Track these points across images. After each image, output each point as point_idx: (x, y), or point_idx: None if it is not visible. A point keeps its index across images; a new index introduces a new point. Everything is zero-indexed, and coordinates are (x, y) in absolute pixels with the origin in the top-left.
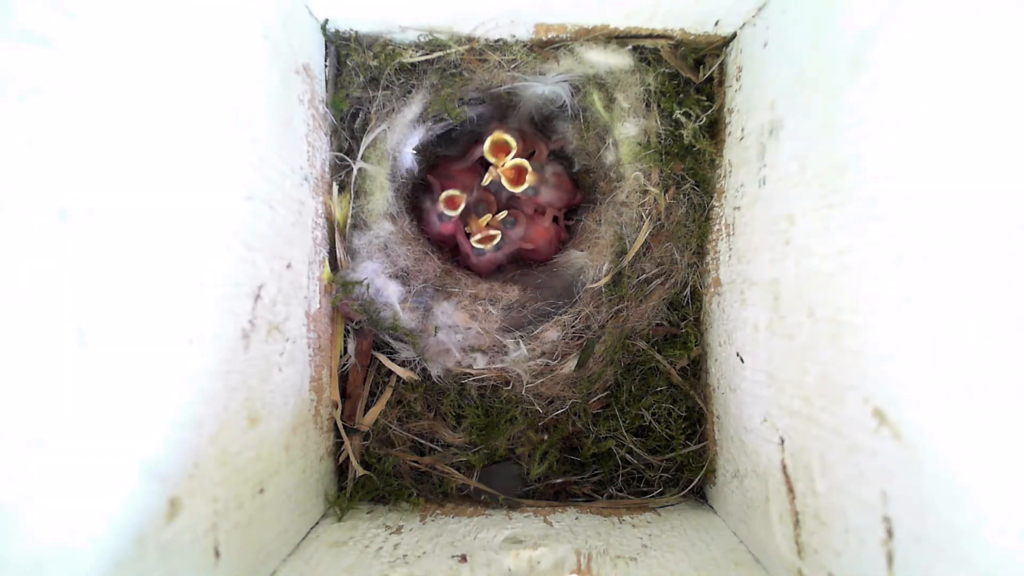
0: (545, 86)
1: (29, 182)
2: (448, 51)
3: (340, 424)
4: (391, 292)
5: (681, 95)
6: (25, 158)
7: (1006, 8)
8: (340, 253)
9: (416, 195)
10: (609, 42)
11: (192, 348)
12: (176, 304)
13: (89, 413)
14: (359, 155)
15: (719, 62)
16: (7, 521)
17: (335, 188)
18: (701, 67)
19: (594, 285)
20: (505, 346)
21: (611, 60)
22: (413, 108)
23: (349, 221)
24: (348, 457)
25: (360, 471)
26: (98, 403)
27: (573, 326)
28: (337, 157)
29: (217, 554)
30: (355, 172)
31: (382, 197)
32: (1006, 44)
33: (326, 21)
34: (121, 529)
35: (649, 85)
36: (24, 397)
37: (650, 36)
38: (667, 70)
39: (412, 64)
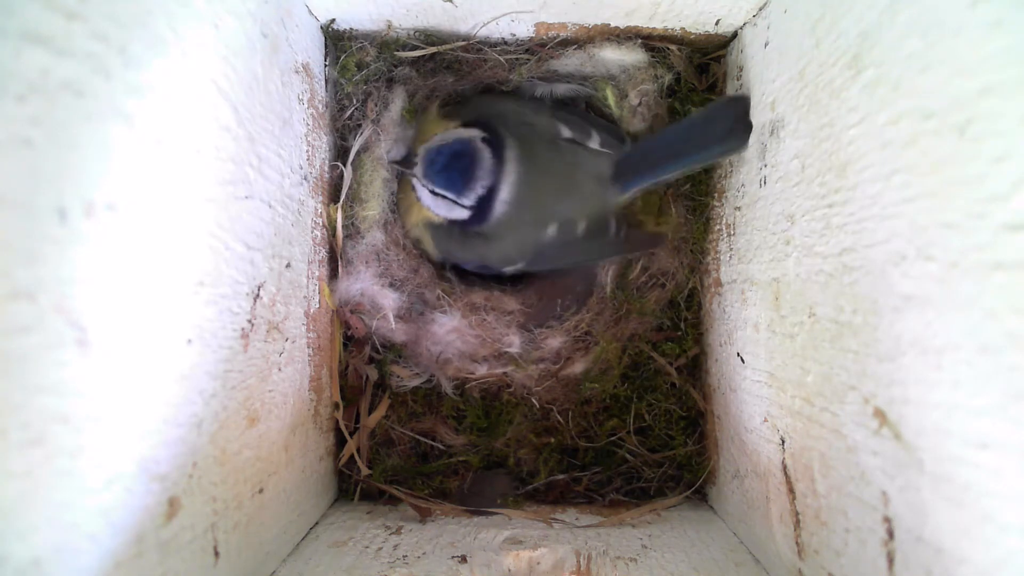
0: (548, 84)
1: (29, 182)
2: (448, 51)
3: (342, 424)
4: (387, 301)
5: (682, 93)
6: (25, 158)
7: (1003, 8)
8: (339, 258)
9: None
10: (622, 41)
11: (191, 347)
12: (175, 303)
13: (88, 413)
14: (351, 157)
15: (720, 61)
16: (7, 521)
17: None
18: (703, 70)
19: (602, 285)
20: (506, 352)
21: (625, 58)
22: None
23: (342, 223)
24: (348, 457)
25: (364, 471)
26: (97, 403)
27: (576, 329)
28: (335, 158)
29: (216, 554)
30: (352, 173)
31: (379, 200)
32: (1002, 43)
33: (329, 21)
34: (120, 528)
35: (661, 81)
36: (24, 397)
37: (650, 36)
38: (673, 69)
39: (412, 63)
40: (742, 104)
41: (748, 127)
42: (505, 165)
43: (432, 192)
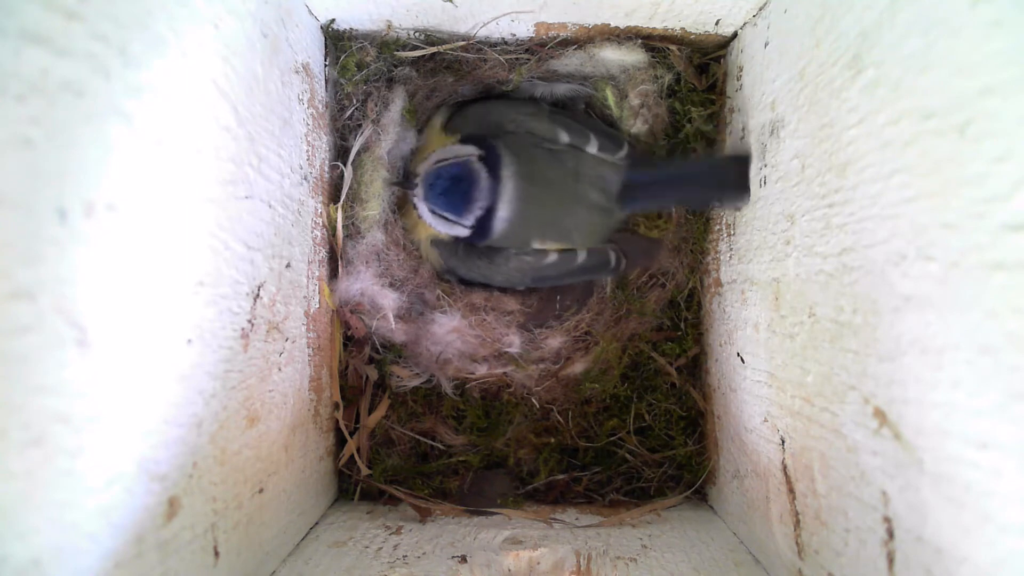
0: (548, 84)
1: (29, 182)
2: (448, 51)
3: (342, 424)
4: (387, 301)
5: (682, 94)
6: (25, 158)
7: (1003, 8)
8: (339, 258)
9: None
10: (622, 41)
11: (191, 347)
12: (175, 303)
13: (88, 413)
14: (351, 157)
15: (721, 61)
16: (7, 521)
17: (333, 189)
18: (703, 70)
19: (602, 285)
20: (506, 352)
21: (625, 58)
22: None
23: (342, 223)
24: (348, 457)
25: (364, 471)
26: (97, 403)
27: (576, 329)
28: (335, 158)
29: (216, 554)
30: (352, 173)
31: (379, 200)
32: (1002, 43)
33: (329, 21)
34: (120, 529)
35: (662, 81)
36: (24, 397)
37: (650, 36)
38: (673, 69)
39: (412, 63)
40: (744, 164)
41: (746, 187)
42: (501, 184)
43: (432, 212)
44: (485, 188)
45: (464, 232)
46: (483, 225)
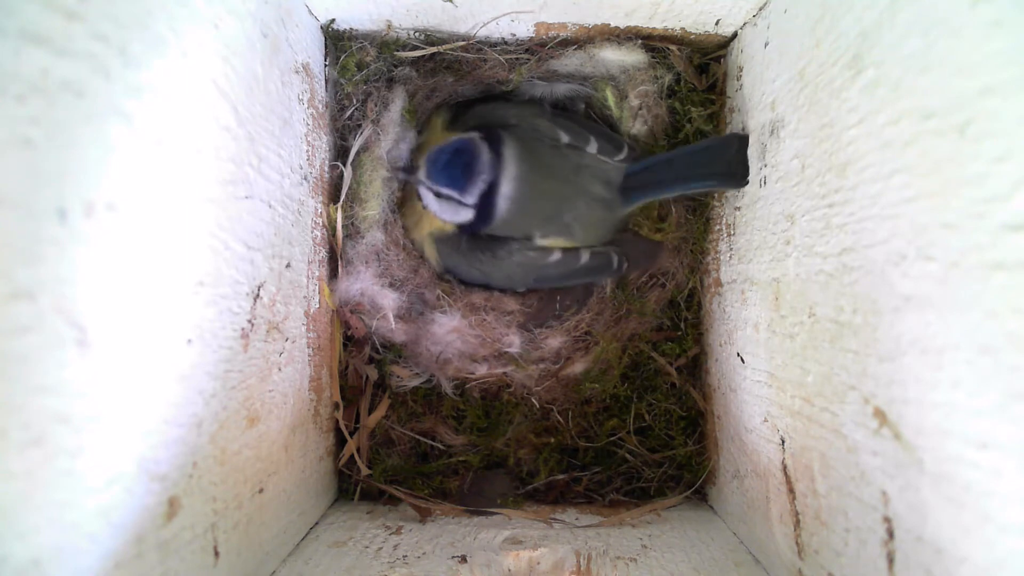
0: (548, 84)
1: (29, 182)
2: (448, 51)
3: (342, 424)
4: (387, 301)
5: (682, 94)
6: (25, 158)
7: (1003, 8)
8: (339, 258)
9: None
10: (622, 41)
11: (191, 347)
12: (175, 303)
13: (88, 413)
14: (350, 157)
15: (721, 61)
16: (7, 521)
17: (333, 188)
18: (703, 70)
19: (602, 285)
20: (506, 352)
21: (625, 58)
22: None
23: (342, 223)
24: (348, 457)
25: (364, 471)
26: (97, 403)
27: (576, 329)
28: (335, 158)
29: (216, 554)
30: (352, 173)
31: (379, 200)
32: (1002, 43)
33: (329, 21)
34: (120, 529)
35: (662, 82)
36: (24, 397)
37: (650, 36)
38: (673, 69)
39: (412, 63)
40: (742, 144)
41: (745, 168)
42: (504, 160)
43: (437, 194)
44: (487, 162)
45: (468, 214)
46: (486, 205)
